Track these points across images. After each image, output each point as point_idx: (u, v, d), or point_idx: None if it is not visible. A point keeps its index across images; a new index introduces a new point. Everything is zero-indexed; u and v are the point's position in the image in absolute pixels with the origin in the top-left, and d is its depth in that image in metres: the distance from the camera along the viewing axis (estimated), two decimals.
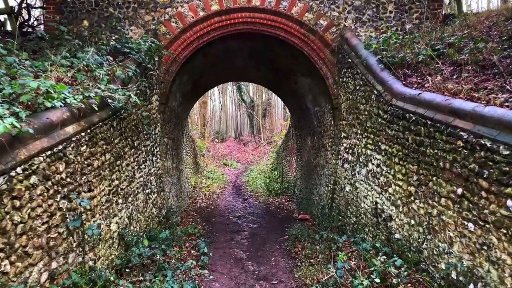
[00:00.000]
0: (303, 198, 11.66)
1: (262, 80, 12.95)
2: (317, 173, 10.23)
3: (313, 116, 10.52)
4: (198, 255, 6.10)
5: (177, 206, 10.04)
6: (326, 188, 9.16)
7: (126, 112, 5.92)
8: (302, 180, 12.15)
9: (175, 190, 10.25)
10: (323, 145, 9.64)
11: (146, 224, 6.80)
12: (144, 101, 7.07)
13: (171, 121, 9.90)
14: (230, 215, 11.20)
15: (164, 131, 8.88)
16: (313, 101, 10.22)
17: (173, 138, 10.38)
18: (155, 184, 7.75)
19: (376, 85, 6.42)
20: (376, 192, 6.29)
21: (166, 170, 9.07)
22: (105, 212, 4.96)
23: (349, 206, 7.46)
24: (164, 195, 8.41)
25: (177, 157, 11.19)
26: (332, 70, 8.62)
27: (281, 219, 10.45)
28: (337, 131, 8.49)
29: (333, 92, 8.62)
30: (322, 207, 9.09)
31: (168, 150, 9.55)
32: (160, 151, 8.45)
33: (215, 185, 17.36)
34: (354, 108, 7.38)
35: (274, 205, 12.85)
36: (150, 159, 7.51)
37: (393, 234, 5.58)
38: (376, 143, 6.32)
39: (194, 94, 12.16)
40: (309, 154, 11.29)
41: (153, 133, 7.83)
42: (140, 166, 6.70)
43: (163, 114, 8.67)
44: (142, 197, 6.76)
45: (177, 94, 9.98)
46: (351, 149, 7.57)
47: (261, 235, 8.33)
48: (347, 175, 7.71)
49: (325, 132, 9.45)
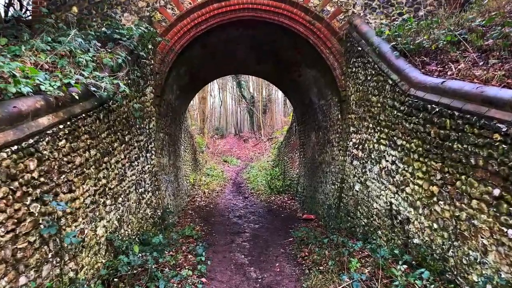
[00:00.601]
0: (307, 196, 11.11)
1: (264, 72, 12.34)
2: (322, 170, 9.68)
3: (318, 110, 9.95)
4: (195, 263, 5.53)
5: (174, 206, 9.49)
6: (332, 187, 8.61)
7: (115, 104, 5.35)
8: (306, 178, 11.60)
9: (172, 188, 9.70)
10: (329, 140, 9.08)
11: (139, 226, 6.24)
12: (136, 92, 6.50)
13: (168, 115, 9.33)
14: (230, 214, 10.65)
15: (159, 125, 8.31)
16: (318, 94, 9.64)
17: (170, 134, 9.81)
18: (149, 183, 7.20)
19: (391, 74, 5.85)
20: (390, 191, 5.73)
21: (162, 167, 8.51)
22: (90, 215, 4.40)
23: (359, 206, 6.91)
24: (159, 194, 7.86)
25: (174, 154, 10.63)
26: (340, 60, 8.04)
27: (284, 219, 9.91)
28: (345, 126, 7.92)
29: (341, 84, 8.04)
30: (329, 206, 8.54)
31: (164, 146, 8.99)
32: (155, 147, 7.89)
33: (215, 183, 16.81)
34: (365, 100, 6.81)
35: (276, 204, 12.30)
36: (144, 155, 6.95)
37: (412, 239, 5.03)
38: (391, 138, 5.76)
39: (192, 87, 11.58)
40: (313, 151, 10.73)
41: (147, 128, 7.26)
42: (132, 163, 6.14)
43: (159, 108, 8.10)
44: (135, 197, 6.20)
45: (173, 87, 9.40)
46: (361, 145, 7.00)
47: (264, 237, 7.79)
48: (357, 172, 7.15)
49: (331, 126, 8.88)
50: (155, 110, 7.85)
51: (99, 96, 4.61)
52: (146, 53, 7.09)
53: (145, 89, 7.14)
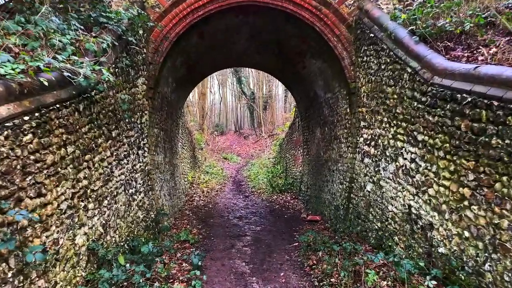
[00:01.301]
0: (311, 196, 10.50)
1: (265, 65, 11.68)
2: (328, 168, 9.06)
3: (324, 104, 9.31)
4: (191, 275, 4.91)
5: (170, 206, 8.88)
6: (340, 186, 7.99)
7: (100, 94, 4.73)
8: (310, 176, 10.98)
9: (168, 188, 9.09)
10: (336, 136, 8.45)
11: (128, 231, 5.63)
12: (126, 82, 5.86)
13: (163, 109, 8.70)
14: (230, 215, 10.05)
15: (153, 120, 7.68)
16: (324, 87, 9.01)
17: (165, 129, 9.18)
18: (141, 183, 6.58)
19: (410, 62, 5.21)
20: (409, 193, 5.12)
21: (156, 165, 7.89)
22: (67, 222, 3.78)
23: (372, 208, 6.30)
24: (153, 194, 7.24)
25: (170, 151, 10.01)
26: (349, 48, 7.40)
27: (287, 220, 9.30)
28: (355, 120, 7.29)
29: (350, 75, 7.40)
30: (336, 207, 7.93)
31: (159, 142, 8.36)
32: (149, 144, 7.27)
33: (214, 181, 16.20)
34: (379, 92, 6.18)
35: (279, 204, 11.69)
36: (135, 152, 6.33)
37: (436, 247, 4.42)
38: (409, 132, 5.13)
39: (189, 80, 10.94)
40: (318, 147, 10.11)
41: (139, 122, 6.63)
42: (120, 162, 5.52)
43: (152, 101, 7.47)
44: (124, 199, 5.59)
45: (169, 79, 8.76)
46: (373, 141, 6.38)
47: (266, 241, 7.18)
48: (369, 171, 6.53)
49: (339, 121, 8.26)
50: (148, 104, 7.22)
51: (78, 84, 3.98)
52: (138, 40, 6.46)
53: (136, 79, 6.51)
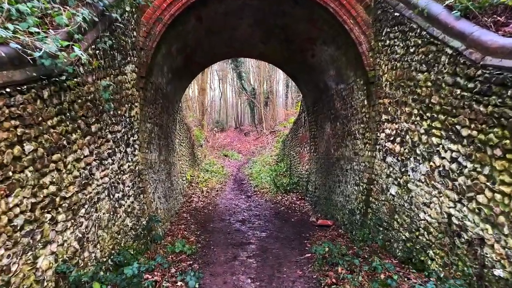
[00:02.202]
0: (320, 197, 9.65)
1: (270, 54, 10.76)
2: (340, 167, 8.19)
3: (335, 97, 8.43)
4: None
5: (166, 210, 8.03)
6: (355, 188, 7.13)
7: (74, 79, 3.85)
8: (318, 176, 10.12)
9: (163, 189, 8.23)
10: (350, 132, 7.58)
11: (113, 243, 4.78)
12: (110, 68, 4.98)
13: (157, 102, 7.82)
14: (231, 218, 9.19)
15: (145, 114, 6.81)
16: (336, 77, 8.12)
17: (160, 125, 8.31)
18: (130, 185, 5.72)
19: (450, 41, 4.33)
20: (449, 199, 4.26)
21: (149, 164, 7.03)
22: (23, 242, 2.92)
23: (397, 215, 5.44)
24: (145, 198, 6.38)
25: (166, 148, 9.14)
26: (367, 32, 6.51)
27: (295, 224, 8.45)
28: (374, 114, 6.42)
29: (368, 62, 6.52)
30: (351, 211, 7.07)
31: (153, 139, 7.50)
32: (140, 141, 6.40)
33: (214, 180, 15.34)
34: (406, 80, 5.30)
35: (284, 205, 10.83)
36: (123, 150, 5.46)
37: (490, 269, 3.57)
38: (450, 126, 4.26)
39: (187, 71, 10.05)
40: (328, 144, 9.24)
41: (128, 116, 5.76)
42: (103, 162, 4.65)
43: (144, 92, 6.59)
44: (108, 205, 4.73)
45: (164, 68, 7.88)
46: (399, 137, 5.51)
47: (274, 250, 6.33)
48: (392, 172, 5.67)
49: (354, 115, 7.38)
50: (138, 95, 6.34)
51: (40, 64, 3.11)
52: (125, 20, 5.58)
53: (124, 66, 5.62)
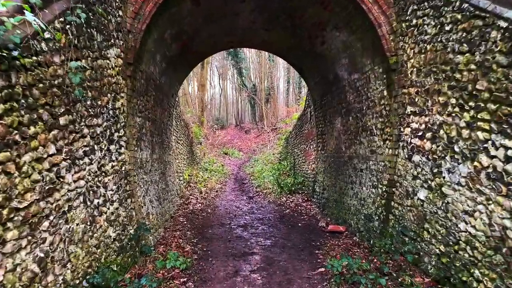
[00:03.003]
0: (329, 199, 8.83)
1: (274, 43, 9.90)
2: (353, 167, 7.37)
3: (348, 88, 7.60)
4: None
5: (159, 214, 7.21)
6: (373, 190, 6.31)
7: (33, 58, 3.02)
8: (327, 176, 9.30)
9: (156, 191, 7.41)
10: (366, 127, 6.75)
11: (90, 260, 3.96)
12: (87, 49, 4.15)
13: (148, 94, 6.99)
14: (232, 222, 8.38)
15: (135, 106, 5.99)
16: (349, 66, 7.28)
17: (153, 119, 7.49)
18: (114, 188, 4.90)
19: (504, 12, 3.50)
20: (501, 207, 3.44)
21: (139, 164, 6.21)
22: None
23: (427, 223, 4.62)
24: (133, 203, 5.57)
25: (161, 146, 8.32)
26: (388, 12, 5.68)
27: (302, 230, 7.63)
28: (396, 105, 5.59)
29: (389, 47, 5.69)
30: (367, 217, 6.26)
31: (144, 135, 6.68)
32: (128, 137, 5.58)
33: (214, 179, 14.51)
34: (440, 64, 4.46)
35: (289, 207, 10.01)
36: (104, 148, 4.64)
37: None
38: (504, 118, 3.43)
39: (183, 61, 9.21)
40: (339, 141, 8.41)
41: (111, 107, 4.93)
42: (76, 162, 3.83)
43: (133, 81, 5.77)
44: (83, 214, 3.91)
45: (156, 56, 7.05)
46: (429, 132, 4.68)
47: (281, 263, 5.51)
48: (421, 173, 4.84)
49: (370, 108, 6.55)
50: (125, 84, 5.51)
51: None
52: None
53: (106, 49, 4.79)
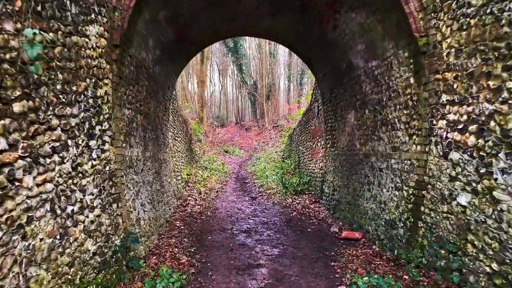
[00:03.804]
0: (341, 201, 8.04)
1: (280, 30, 9.06)
2: (370, 166, 6.58)
3: (364, 78, 6.80)
4: None
5: (152, 219, 6.42)
6: (396, 193, 5.51)
7: None
8: (338, 175, 8.51)
9: (150, 193, 6.62)
10: (386, 121, 5.96)
11: (60, 283, 3.17)
12: (56, 20, 3.35)
13: (140, 83, 6.19)
14: (234, 227, 7.59)
15: (123, 96, 5.20)
16: (366, 52, 6.48)
17: (146, 113, 6.69)
18: (95, 192, 4.11)
19: None
20: None
21: (128, 163, 5.42)
22: None
23: (472, 235, 3.83)
24: (120, 208, 4.77)
25: (155, 142, 7.53)
26: None
27: (313, 236, 6.84)
28: (427, 94, 4.79)
29: (417, 26, 4.88)
30: (389, 223, 5.47)
31: (135, 130, 5.88)
32: (114, 131, 4.79)
33: (214, 179, 13.72)
34: (490, 40, 3.66)
35: (296, 210, 9.21)
36: (82, 144, 3.85)
37: None
38: None
39: (180, 49, 8.41)
40: (352, 137, 7.62)
41: (91, 95, 4.14)
42: (40, 160, 3.04)
43: (119, 66, 4.97)
44: (51, 226, 3.12)
45: (149, 41, 6.24)
46: (474, 124, 3.89)
47: (292, 278, 4.72)
48: (462, 173, 4.05)
49: (392, 99, 5.75)
50: (110, 69, 4.71)
51: None
52: None
53: (84, 25, 3.99)
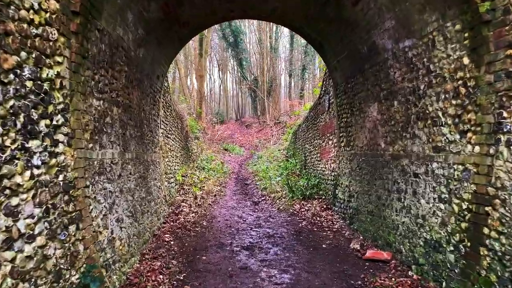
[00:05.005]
0: (360, 211, 6.84)
1: (288, 12, 7.81)
2: (401, 169, 5.37)
3: (392, 62, 5.57)
4: None
5: (134, 236, 5.22)
6: (442, 206, 4.30)
7: None
8: (355, 179, 7.30)
9: (130, 203, 5.41)
10: (425, 114, 4.74)
11: None
12: None
13: (116, 68, 4.96)
14: (234, 241, 6.39)
15: (88, 81, 3.98)
16: (396, 30, 5.25)
17: (127, 105, 5.48)
18: (37, 213, 2.90)
19: None
20: None
21: (98, 168, 4.22)
22: None
23: None
24: (82, 230, 3.57)
25: (140, 141, 6.32)
26: None
27: (330, 255, 5.64)
28: (493, 77, 3.57)
29: None
30: (431, 245, 4.28)
31: (109, 126, 4.67)
32: (74, 127, 3.59)
33: (212, 181, 12.49)
34: None
35: (306, 219, 8.00)
36: (13, 146, 2.64)
37: None
38: None
39: (170, 33, 7.18)
40: (375, 135, 6.41)
41: (28, 75, 2.92)
42: None
43: (82, 41, 3.75)
44: None
45: (127, 15, 5.02)
46: None
47: None
48: None
49: (434, 86, 4.53)
50: (66, 43, 3.48)
51: None
52: None
53: None
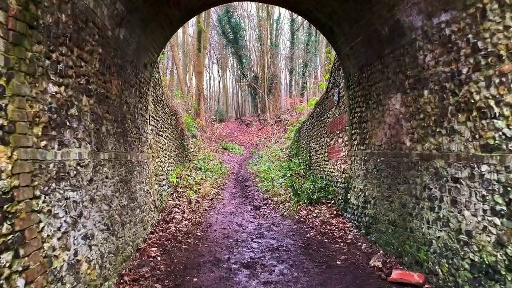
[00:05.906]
0: (379, 219, 5.91)
1: None
2: (434, 173, 4.43)
3: (422, 43, 4.63)
4: None
5: (109, 255, 4.28)
6: (494, 220, 3.36)
7: None
8: (372, 182, 6.36)
9: (105, 214, 4.46)
10: (469, 105, 3.80)
11: None
12: None
13: (85, 48, 4.01)
14: (232, 256, 5.46)
15: (37, 59, 3.05)
16: (429, 2, 4.30)
17: (103, 96, 4.54)
18: None
19: None
20: None
21: (55, 174, 3.28)
22: None
23: None
24: (24, 258, 2.63)
25: (122, 138, 5.39)
26: None
27: (345, 275, 4.70)
28: None
29: None
30: (481, 268, 3.35)
31: (75, 119, 3.73)
32: (15, 118, 2.66)
33: (209, 182, 11.54)
34: None
35: (314, 227, 7.05)
36: None
37: None
38: None
39: (160, 13, 6.24)
40: (397, 131, 5.47)
41: None
42: None
43: (25, 4, 2.82)
44: None
45: None
46: None
47: None
48: None
49: (482, 69, 3.59)
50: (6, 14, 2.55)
51: None
52: None
53: None
